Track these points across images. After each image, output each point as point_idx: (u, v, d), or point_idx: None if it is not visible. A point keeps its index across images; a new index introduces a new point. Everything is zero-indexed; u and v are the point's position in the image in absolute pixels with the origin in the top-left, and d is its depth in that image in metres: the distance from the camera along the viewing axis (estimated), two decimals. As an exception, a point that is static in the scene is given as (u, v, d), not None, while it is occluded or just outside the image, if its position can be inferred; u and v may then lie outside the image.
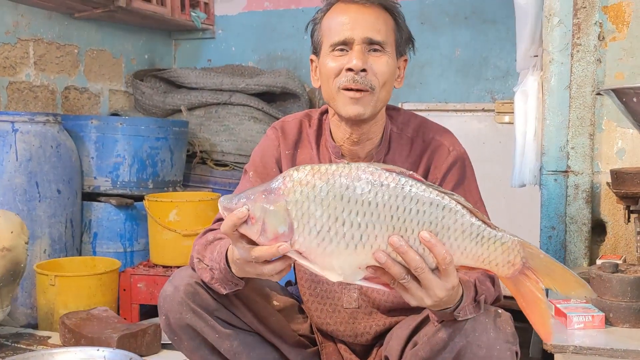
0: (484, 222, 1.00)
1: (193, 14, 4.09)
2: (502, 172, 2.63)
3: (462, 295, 1.15)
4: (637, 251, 1.32)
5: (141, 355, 2.08)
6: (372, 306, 1.47)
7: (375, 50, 1.36)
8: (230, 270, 1.25)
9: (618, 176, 1.49)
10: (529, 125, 1.76)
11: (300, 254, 1.00)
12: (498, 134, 3.37)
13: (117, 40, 4.00)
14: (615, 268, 1.22)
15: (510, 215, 3.22)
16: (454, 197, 1.01)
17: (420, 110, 3.68)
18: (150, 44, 4.27)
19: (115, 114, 3.92)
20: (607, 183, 1.58)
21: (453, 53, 3.83)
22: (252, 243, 1.08)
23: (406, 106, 3.79)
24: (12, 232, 2.21)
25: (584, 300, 1.25)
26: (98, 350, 2.04)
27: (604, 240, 1.67)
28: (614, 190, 1.47)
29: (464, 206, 1.00)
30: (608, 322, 1.19)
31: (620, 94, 1.14)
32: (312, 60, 1.48)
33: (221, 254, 1.28)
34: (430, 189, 0.99)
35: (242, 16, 4.20)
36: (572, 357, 1.13)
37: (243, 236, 1.07)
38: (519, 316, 1.25)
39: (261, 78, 3.90)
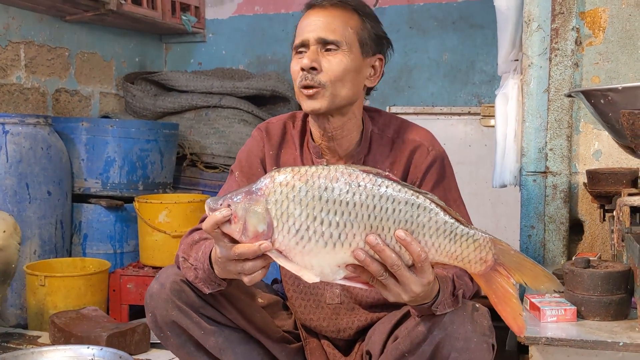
0: (457, 220, 1.04)
1: (184, 17, 4.12)
2: (488, 174, 2.67)
3: (439, 290, 1.19)
4: (611, 249, 1.37)
5: (130, 354, 2.11)
6: (354, 302, 1.51)
7: (328, 50, 1.41)
8: (213, 271, 1.28)
9: (593, 176, 1.53)
10: (509, 127, 1.81)
11: (281, 252, 1.03)
12: (484, 136, 3.42)
13: (108, 43, 4.03)
14: (587, 264, 1.26)
15: (496, 215, 3.27)
16: (428, 196, 1.05)
17: (408, 114, 3.73)
18: (141, 47, 4.30)
19: (105, 117, 3.94)
20: (584, 183, 1.62)
21: (441, 57, 3.88)
22: (235, 242, 1.11)
23: (394, 109, 3.84)
24: (4, 232, 2.22)
25: (558, 295, 1.29)
26: (87, 348, 2.07)
27: (582, 238, 1.72)
28: (589, 190, 1.52)
29: (437, 205, 1.03)
30: (580, 315, 1.24)
31: (588, 95, 1.19)
32: None
33: (205, 254, 1.31)
34: (406, 189, 1.03)
35: (233, 20, 4.24)
36: (545, 348, 1.18)
37: (226, 235, 1.11)
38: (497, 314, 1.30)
39: (251, 81, 3.93)
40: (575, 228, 1.73)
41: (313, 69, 1.39)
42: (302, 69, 1.40)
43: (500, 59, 1.90)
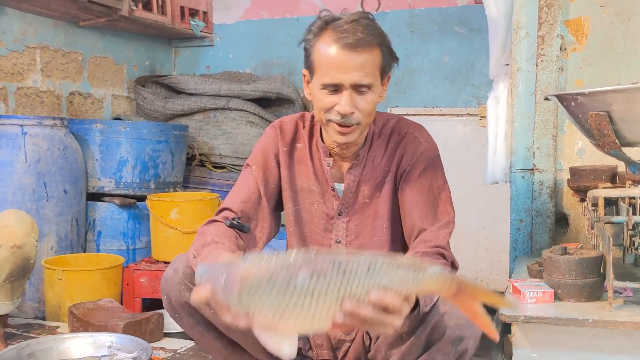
0: (417, 266, 1.09)
1: (192, 22, 4.26)
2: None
3: (418, 301, 1.31)
4: (592, 238, 1.48)
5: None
6: None
7: (361, 91, 1.50)
8: None
9: (575, 173, 1.66)
10: (500, 127, 1.93)
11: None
12: (482, 136, 3.53)
13: (120, 48, 4.17)
14: (564, 251, 1.39)
15: (493, 210, 3.39)
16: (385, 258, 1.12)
17: (409, 115, 3.85)
18: (151, 51, 4.44)
19: (117, 119, 4.09)
20: (568, 179, 1.75)
21: (441, 60, 3.99)
22: None
23: (396, 111, 3.96)
24: (23, 230, 2.35)
25: (538, 280, 1.42)
26: (106, 335, 2.20)
27: (567, 231, 1.84)
28: (571, 185, 1.64)
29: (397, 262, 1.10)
30: (557, 297, 1.36)
31: (561, 99, 1.31)
32: (304, 75, 1.61)
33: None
34: (365, 256, 1.05)
35: (240, 25, 4.37)
36: (524, 326, 1.30)
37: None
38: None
39: (257, 84, 4.06)
40: (561, 221, 1.86)
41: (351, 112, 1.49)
42: (341, 114, 1.48)
43: (491, 64, 2.03)
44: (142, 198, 3.58)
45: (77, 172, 3.35)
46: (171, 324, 2.74)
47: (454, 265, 1.49)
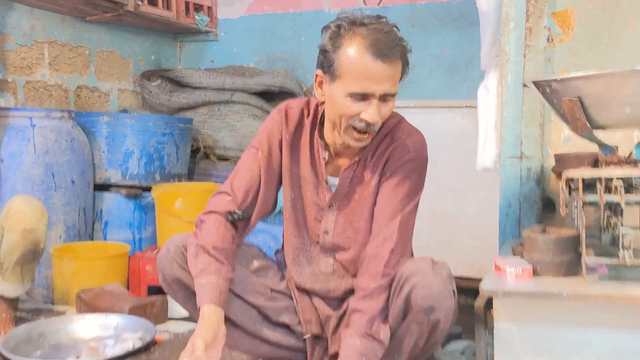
0: None
1: (197, 17, 4.34)
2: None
3: None
4: (574, 220, 1.55)
5: (150, 324, 2.32)
6: (344, 271, 1.72)
7: (386, 100, 1.54)
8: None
9: (560, 159, 1.73)
10: (490, 116, 2.01)
11: None
12: (480, 128, 3.59)
13: (126, 42, 4.26)
14: (543, 230, 1.47)
15: (490, 198, 3.44)
16: None
17: (410, 107, 3.91)
18: (157, 46, 4.53)
19: (124, 112, 4.18)
20: (553, 166, 1.82)
21: (442, 53, 4.04)
22: None
23: (396, 103, 4.03)
24: (33, 216, 2.44)
25: (520, 258, 1.49)
26: (113, 316, 2.29)
27: (553, 215, 1.91)
28: (555, 171, 1.71)
29: None
30: (535, 273, 1.43)
31: (537, 85, 1.38)
32: (317, 75, 1.61)
33: (203, 300, 1.53)
34: None
35: (244, 19, 4.44)
36: (503, 300, 1.38)
37: None
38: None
39: (261, 78, 4.13)
40: (548, 206, 1.93)
41: None
42: (369, 123, 1.50)
43: (482, 55, 2.09)
44: (148, 189, 3.67)
45: (85, 163, 3.44)
46: (175, 309, 2.84)
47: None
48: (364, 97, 1.51)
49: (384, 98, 1.52)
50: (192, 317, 1.75)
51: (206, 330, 1.45)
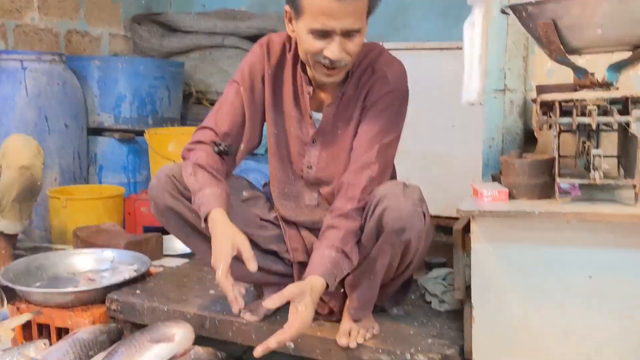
0: None
1: (187, -40, 4.27)
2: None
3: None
4: (553, 151, 1.59)
5: (145, 260, 2.39)
6: (328, 204, 1.76)
7: (351, 36, 1.52)
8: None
9: (540, 89, 1.76)
10: (475, 50, 2.03)
11: None
12: (471, 69, 3.60)
13: (115, -14, 4.22)
14: (519, 155, 1.52)
15: (479, 140, 3.48)
16: None
17: (401, 50, 3.89)
18: (147, -10, 4.47)
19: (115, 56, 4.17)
20: (533, 99, 1.85)
21: (435, -5, 4.00)
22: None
23: (388, 45, 3.99)
24: (30, 153, 2.48)
25: (497, 183, 1.55)
26: (109, 251, 2.36)
27: (535, 148, 1.95)
28: (534, 100, 1.74)
29: None
30: (511, 196, 1.48)
31: (514, 10, 1.40)
32: (286, 11, 1.59)
33: (206, 210, 1.56)
34: None
35: (234, -38, 4.38)
36: (481, 222, 1.44)
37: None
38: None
39: (253, 21, 4.10)
40: (530, 139, 1.97)
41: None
42: (331, 60, 1.49)
43: (469, -11, 2.10)
44: (141, 133, 3.70)
45: (77, 107, 3.47)
46: (170, 247, 2.91)
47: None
48: (325, 34, 1.50)
49: (348, 34, 1.50)
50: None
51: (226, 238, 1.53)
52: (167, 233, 2.96)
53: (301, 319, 1.43)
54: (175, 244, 2.93)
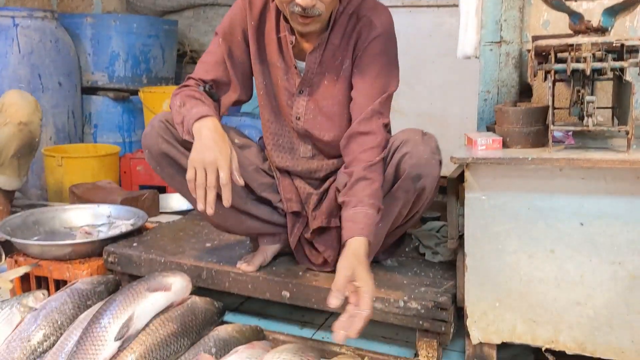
0: None
1: None
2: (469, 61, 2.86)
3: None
4: (548, 99, 1.58)
5: (141, 217, 2.40)
6: (324, 155, 1.77)
7: None
8: (192, 135, 1.54)
9: (535, 39, 1.75)
10: (471, 3, 2.01)
11: None
12: (467, 27, 3.57)
13: (106, -58, 4.13)
14: (514, 103, 1.52)
15: (476, 99, 3.48)
16: None
17: (397, 7, 3.86)
18: (139, -54, 4.38)
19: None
20: (528, 49, 1.84)
21: (431, -48, 3.94)
22: None
23: (385, 2, 3.97)
24: (28, 109, 2.46)
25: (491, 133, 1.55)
26: (105, 207, 2.37)
27: (530, 100, 1.95)
28: (529, 50, 1.73)
29: None
30: (505, 145, 1.48)
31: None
32: None
33: (196, 115, 1.53)
34: None
35: None
36: (474, 170, 1.44)
37: None
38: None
39: (246, -21, 4.04)
40: (526, 92, 1.96)
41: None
42: (302, 6, 1.47)
43: (466, -60, 2.06)
44: (135, 92, 3.68)
45: (70, 65, 3.44)
46: (167, 204, 2.93)
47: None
48: None
49: None
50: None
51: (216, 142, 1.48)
52: (163, 191, 3.00)
53: (367, 290, 1.33)
54: (171, 202, 2.95)
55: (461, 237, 1.62)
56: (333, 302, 1.30)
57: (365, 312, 1.29)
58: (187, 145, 1.61)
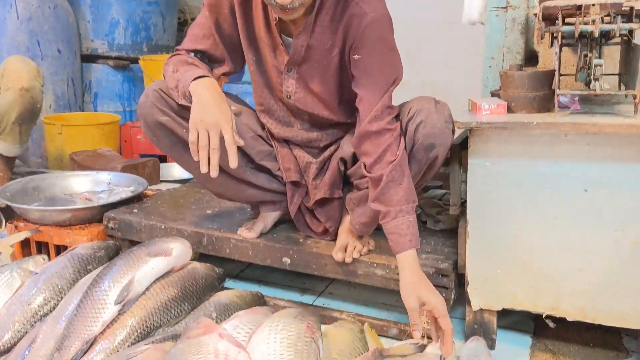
0: None
1: None
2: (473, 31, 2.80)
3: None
4: (554, 63, 1.55)
5: (142, 185, 2.39)
6: (322, 126, 1.74)
7: None
8: (190, 96, 1.51)
9: (541, 0, 1.72)
10: (477, -33, 1.96)
11: None
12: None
13: None
14: (520, 68, 1.49)
15: (479, 69, 3.44)
16: None
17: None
18: None
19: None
20: (535, 13, 1.80)
21: None
22: None
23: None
24: (30, 74, 2.43)
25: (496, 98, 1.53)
26: (105, 174, 2.36)
27: (536, 67, 1.92)
28: (536, 14, 1.70)
29: None
30: (510, 110, 1.47)
31: None
32: None
33: (191, 76, 1.50)
34: None
35: None
36: (478, 136, 1.42)
37: None
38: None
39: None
40: (532, 59, 1.93)
41: None
42: (280, 4, 1.39)
43: None
44: (136, 60, 3.64)
45: (70, 32, 3.39)
46: (168, 173, 2.92)
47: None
48: None
49: None
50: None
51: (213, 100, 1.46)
52: (164, 160, 2.98)
53: (437, 303, 1.41)
54: (172, 171, 2.94)
55: (463, 204, 1.60)
56: (417, 335, 1.41)
57: (448, 329, 1.38)
58: (184, 115, 1.59)
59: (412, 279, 1.44)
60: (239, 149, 1.58)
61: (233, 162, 1.45)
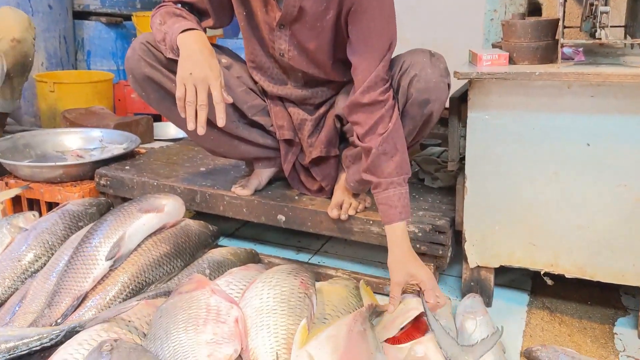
0: None
1: None
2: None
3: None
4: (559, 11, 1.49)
5: (136, 143, 2.34)
6: (317, 83, 1.67)
7: None
8: (177, 49, 1.45)
9: (548, -48, 1.65)
10: None
11: None
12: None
13: None
14: (522, 17, 1.43)
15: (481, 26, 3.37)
16: None
17: None
18: None
19: None
20: (540, -37, 1.74)
21: None
22: None
23: None
24: (21, 26, 2.34)
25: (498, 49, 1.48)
26: (97, 131, 2.32)
27: (539, 20, 1.87)
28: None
29: None
30: (511, 61, 1.41)
31: None
32: None
33: (178, 29, 1.45)
34: None
35: None
36: (478, 89, 1.37)
37: None
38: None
39: None
40: (535, 12, 1.87)
41: None
42: None
43: None
44: (129, 17, 3.55)
45: (61, -13, 3.30)
46: (162, 132, 2.87)
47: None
48: None
49: None
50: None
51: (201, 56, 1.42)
52: (158, 119, 2.93)
53: (430, 286, 1.36)
54: (166, 130, 2.90)
55: (462, 160, 1.56)
56: (391, 309, 1.37)
57: (442, 303, 1.36)
58: (173, 68, 1.53)
59: (402, 255, 1.40)
60: (231, 104, 1.53)
61: (221, 120, 1.41)
